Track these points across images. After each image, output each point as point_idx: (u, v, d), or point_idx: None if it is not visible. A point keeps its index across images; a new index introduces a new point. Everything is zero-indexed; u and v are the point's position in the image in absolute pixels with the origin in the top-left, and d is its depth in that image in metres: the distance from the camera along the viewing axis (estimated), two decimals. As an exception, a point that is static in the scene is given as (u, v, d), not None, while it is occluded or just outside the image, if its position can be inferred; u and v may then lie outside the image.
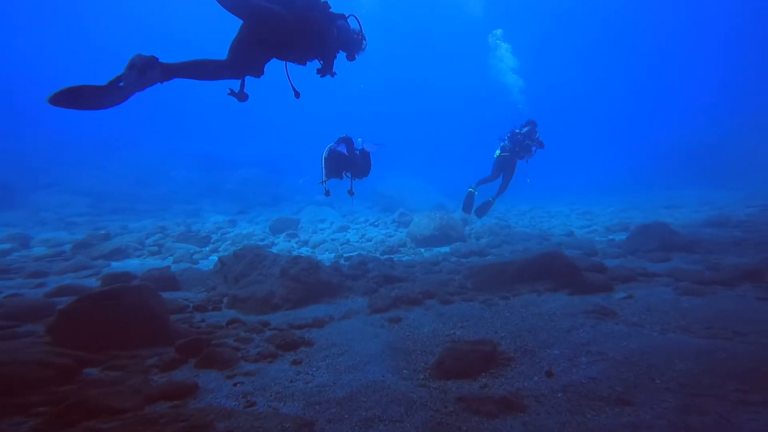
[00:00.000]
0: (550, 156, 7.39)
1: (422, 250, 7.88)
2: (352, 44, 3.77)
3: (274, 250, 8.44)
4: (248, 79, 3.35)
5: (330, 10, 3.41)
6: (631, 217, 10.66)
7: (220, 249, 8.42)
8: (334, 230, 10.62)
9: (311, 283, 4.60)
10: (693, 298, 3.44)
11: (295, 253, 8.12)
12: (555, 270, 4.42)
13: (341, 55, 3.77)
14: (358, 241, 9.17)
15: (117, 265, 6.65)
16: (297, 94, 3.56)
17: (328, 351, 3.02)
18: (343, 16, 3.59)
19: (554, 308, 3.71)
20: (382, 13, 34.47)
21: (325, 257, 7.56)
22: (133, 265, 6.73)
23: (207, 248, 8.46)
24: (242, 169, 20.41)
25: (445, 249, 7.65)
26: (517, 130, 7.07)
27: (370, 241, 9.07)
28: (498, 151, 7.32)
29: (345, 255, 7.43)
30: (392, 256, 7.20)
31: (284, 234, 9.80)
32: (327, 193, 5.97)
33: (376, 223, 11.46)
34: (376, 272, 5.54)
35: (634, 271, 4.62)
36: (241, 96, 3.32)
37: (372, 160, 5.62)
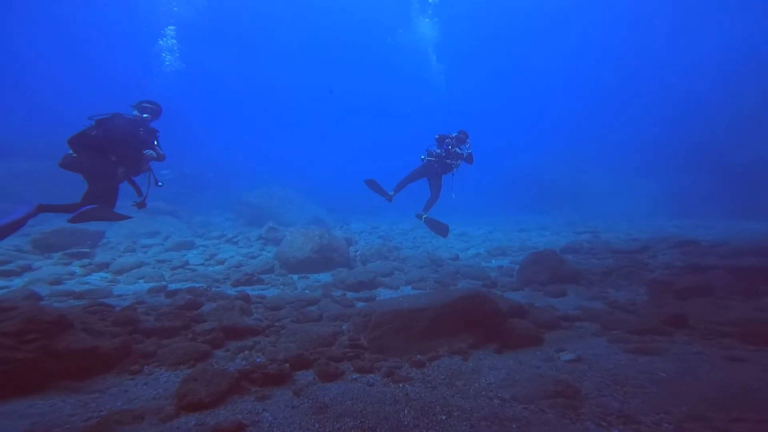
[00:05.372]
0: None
1: (295, 277, 5.94)
2: None
3: (21, 279, 5.05)
4: None
5: None
6: (499, 240, 11.32)
7: None
8: (167, 248, 7.57)
9: (32, 360, 2.24)
10: (653, 359, 2.70)
11: (70, 283, 4.99)
12: (478, 318, 3.26)
13: None
14: (202, 265, 6.55)
15: None
16: None
17: None
18: None
19: (496, 385, 2.49)
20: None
21: (134, 289, 4.82)
22: None
23: None
24: (18, 158, 13.36)
25: (326, 277, 5.92)
26: (446, 135, 6.17)
27: (222, 264, 6.59)
28: (423, 156, 6.20)
29: (172, 286, 4.89)
30: (250, 288, 5.04)
31: (62, 253, 6.24)
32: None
33: (235, 240, 8.84)
34: (213, 321, 3.44)
35: (551, 314, 3.93)
36: None
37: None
